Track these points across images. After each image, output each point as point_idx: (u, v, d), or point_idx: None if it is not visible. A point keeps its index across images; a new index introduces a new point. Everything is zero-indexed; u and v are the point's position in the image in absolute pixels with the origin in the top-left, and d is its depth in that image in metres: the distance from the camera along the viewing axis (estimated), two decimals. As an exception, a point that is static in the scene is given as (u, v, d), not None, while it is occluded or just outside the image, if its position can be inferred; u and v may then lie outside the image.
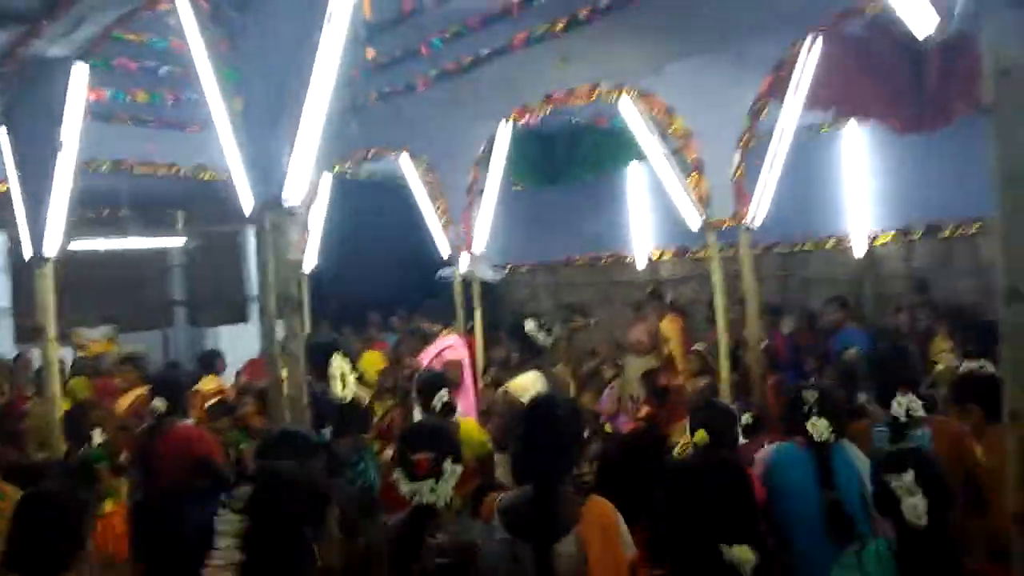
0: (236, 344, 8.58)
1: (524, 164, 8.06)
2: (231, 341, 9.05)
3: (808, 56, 5.12)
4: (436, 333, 6.48)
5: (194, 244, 10.81)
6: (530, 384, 4.35)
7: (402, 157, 7.87)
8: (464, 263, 7.78)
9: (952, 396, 3.80)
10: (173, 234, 10.53)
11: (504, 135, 7.02)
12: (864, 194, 8.33)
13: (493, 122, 6.96)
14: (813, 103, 5.49)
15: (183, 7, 3.62)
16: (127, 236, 9.51)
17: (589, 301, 10.43)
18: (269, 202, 3.41)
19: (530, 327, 4.56)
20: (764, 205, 5.75)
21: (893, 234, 8.29)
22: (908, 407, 3.47)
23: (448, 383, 4.44)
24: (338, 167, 8.39)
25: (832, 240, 8.71)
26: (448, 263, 8.11)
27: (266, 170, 3.40)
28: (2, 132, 4.84)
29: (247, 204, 3.53)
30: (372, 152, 8.06)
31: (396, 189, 8.56)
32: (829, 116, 7.46)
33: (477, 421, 5.28)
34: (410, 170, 7.91)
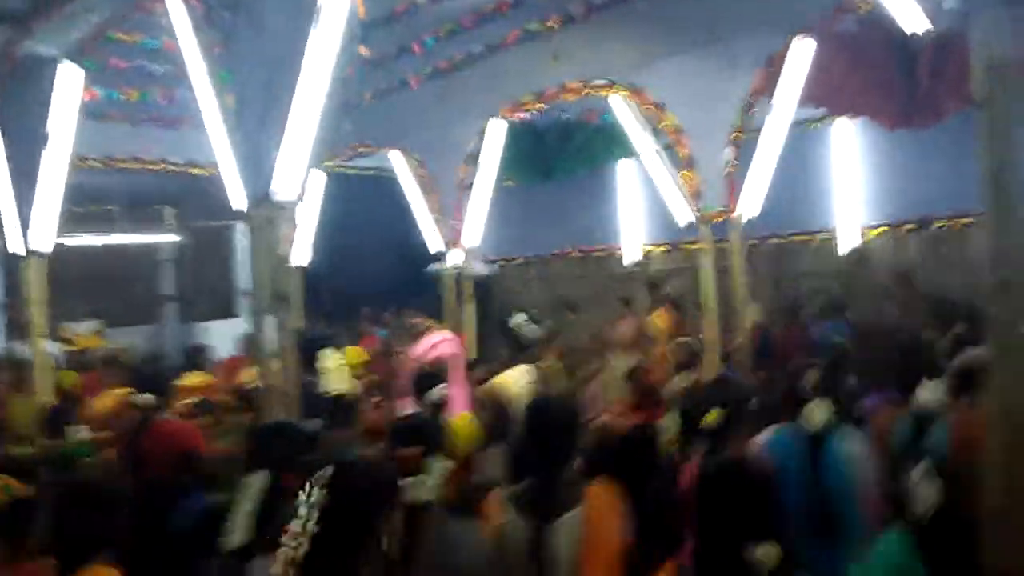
0: (226, 339, 8.54)
1: (515, 160, 8.04)
2: (221, 336, 9.00)
3: (799, 53, 5.15)
4: (426, 328, 6.46)
5: (184, 240, 10.77)
6: (518, 378, 4.34)
7: (394, 153, 7.87)
8: (455, 258, 7.78)
9: (954, 386, 3.60)
10: (163, 230, 10.49)
11: (496, 131, 7.02)
12: (855, 189, 8.38)
13: (485, 119, 6.96)
14: (804, 99, 5.51)
15: (175, 8, 3.61)
16: (117, 232, 9.47)
17: (581, 295, 10.45)
18: (260, 198, 3.41)
19: (517, 321, 4.55)
20: (756, 200, 5.78)
21: (884, 228, 8.35)
22: (934, 396, 3.35)
23: (443, 379, 4.43)
24: (330, 163, 8.37)
25: (823, 234, 8.77)
26: (439, 258, 8.11)
27: (257, 166, 3.39)
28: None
29: (238, 200, 3.52)
30: (365, 148, 8.06)
31: (388, 184, 8.55)
32: (820, 112, 7.50)
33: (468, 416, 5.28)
34: (402, 166, 7.90)
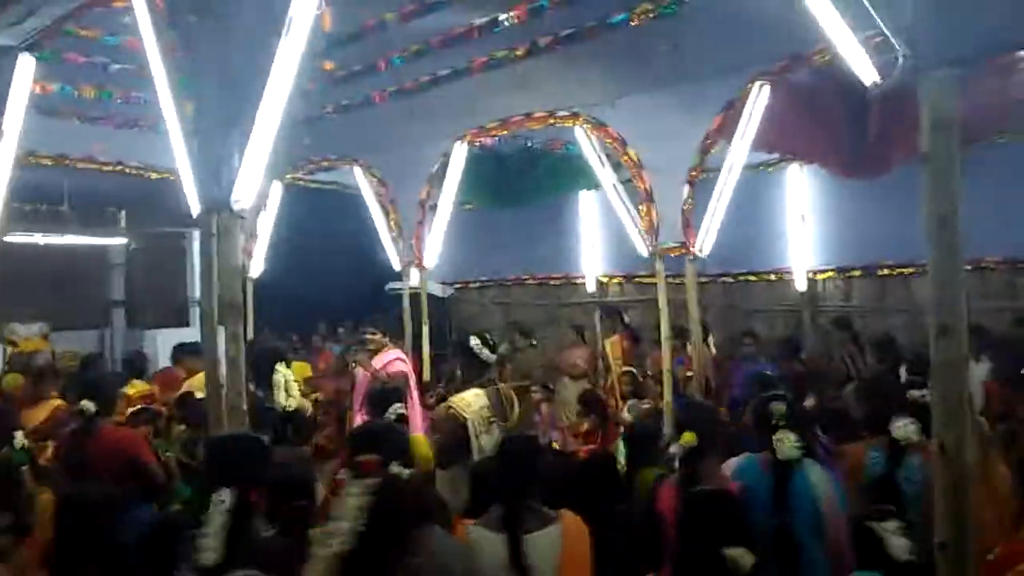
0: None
1: (478, 184, 8.07)
2: (170, 345, 8.81)
3: (757, 99, 5.30)
4: (381, 346, 6.41)
5: (136, 244, 10.55)
6: (473, 401, 4.33)
7: (356, 169, 7.84)
8: (414, 278, 7.75)
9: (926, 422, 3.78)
10: (115, 233, 10.25)
11: (459, 154, 7.04)
12: (806, 232, 8.59)
13: (448, 141, 6.98)
14: (759, 144, 5.67)
15: (139, 6, 3.56)
16: (67, 232, 9.24)
17: (537, 321, 10.49)
18: (216, 205, 3.36)
19: (474, 343, 4.53)
20: (710, 237, 5.90)
21: (832, 272, 8.58)
22: (906, 431, 3.39)
23: (401, 397, 4.39)
24: (290, 175, 8.31)
25: (774, 274, 8.97)
26: (398, 277, 8.07)
27: (215, 173, 3.35)
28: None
29: (194, 206, 3.47)
30: (326, 162, 8.01)
31: (348, 200, 8.50)
32: (775, 156, 7.70)
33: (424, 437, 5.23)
34: (363, 183, 7.87)
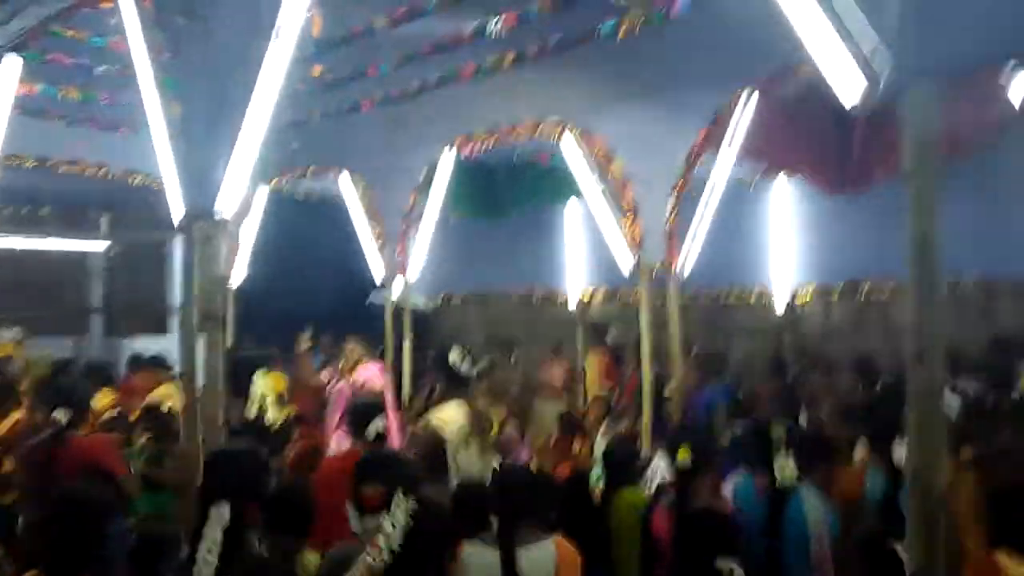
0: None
1: (463, 194, 8.06)
2: (150, 353, 8.70)
3: (743, 111, 5.34)
4: (360, 357, 6.36)
5: (117, 249, 10.44)
6: (452, 416, 4.29)
7: (341, 176, 7.80)
8: (397, 289, 7.71)
9: None
10: (95, 237, 10.15)
11: (446, 163, 7.03)
12: (788, 249, 8.64)
13: (435, 149, 6.97)
14: (745, 155, 5.69)
15: (126, 7, 3.53)
16: (46, 236, 9.13)
17: (518, 335, 10.45)
18: (200, 212, 3.32)
19: (454, 357, 4.51)
20: (694, 253, 5.91)
21: (813, 289, 8.62)
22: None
23: (382, 411, 4.28)
24: (275, 183, 8.26)
25: (756, 292, 8.99)
26: (381, 287, 8.03)
27: (199, 179, 3.32)
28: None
29: (176, 212, 3.43)
30: (311, 169, 7.97)
31: (332, 209, 8.45)
32: (760, 170, 7.74)
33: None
34: (349, 190, 7.84)
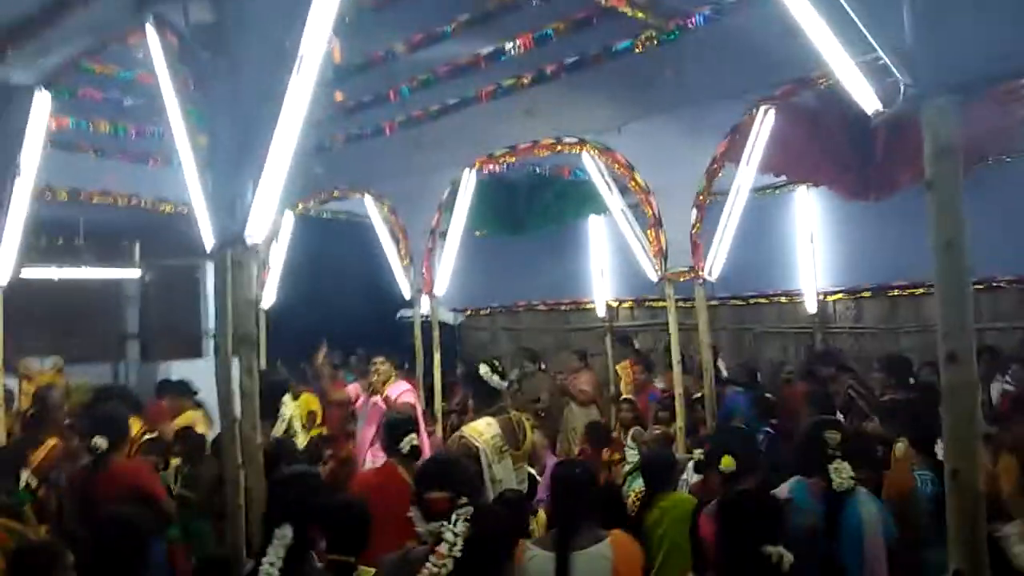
0: (192, 380, 8.40)
1: (487, 212, 8.13)
2: (186, 377, 8.85)
3: (762, 123, 5.33)
4: (389, 376, 6.41)
5: (150, 277, 10.64)
6: (485, 430, 4.31)
7: (366, 199, 7.91)
8: (424, 305, 7.77)
9: None
10: (129, 266, 10.35)
11: (468, 182, 7.09)
12: (815, 253, 8.59)
13: (457, 169, 7.05)
14: (765, 168, 5.69)
15: (153, 43, 3.64)
16: (81, 266, 9.32)
17: (547, 347, 10.48)
18: (230, 238, 3.39)
19: (484, 371, 4.51)
20: (719, 260, 5.91)
21: (841, 294, 8.56)
22: None
23: (415, 427, 4.31)
24: (301, 206, 8.39)
25: (784, 296, 8.95)
26: (409, 304, 8.10)
27: (229, 206, 3.39)
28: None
29: (207, 239, 3.52)
30: (336, 192, 8.10)
31: (358, 229, 8.56)
32: (782, 179, 7.72)
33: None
34: (373, 212, 7.94)
